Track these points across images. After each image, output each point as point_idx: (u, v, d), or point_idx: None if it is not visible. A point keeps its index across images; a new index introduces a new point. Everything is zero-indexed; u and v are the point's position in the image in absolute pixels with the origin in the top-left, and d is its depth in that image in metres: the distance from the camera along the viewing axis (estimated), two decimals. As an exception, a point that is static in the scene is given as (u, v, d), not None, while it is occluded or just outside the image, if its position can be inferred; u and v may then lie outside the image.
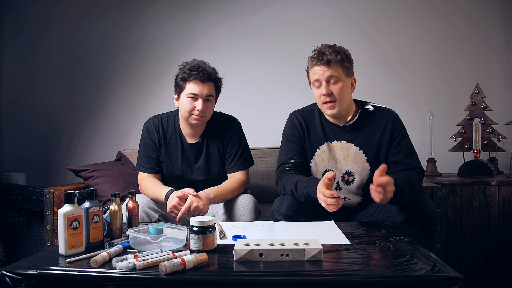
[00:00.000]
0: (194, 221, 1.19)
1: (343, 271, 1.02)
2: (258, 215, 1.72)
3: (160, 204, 1.73)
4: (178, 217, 1.58)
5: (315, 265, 1.06)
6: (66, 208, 1.17)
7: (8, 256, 2.18)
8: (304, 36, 2.59)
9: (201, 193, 1.65)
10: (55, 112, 2.76)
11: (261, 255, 1.09)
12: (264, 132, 2.57)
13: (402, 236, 1.30)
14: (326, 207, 1.39)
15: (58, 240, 1.18)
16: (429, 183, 1.97)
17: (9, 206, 2.27)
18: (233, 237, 1.32)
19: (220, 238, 1.31)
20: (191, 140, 1.84)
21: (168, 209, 1.61)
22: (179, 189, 1.67)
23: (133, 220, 1.41)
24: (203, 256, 1.06)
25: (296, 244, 1.11)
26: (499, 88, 2.64)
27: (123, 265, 1.03)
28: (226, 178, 1.85)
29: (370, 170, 1.64)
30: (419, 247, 1.19)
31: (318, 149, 1.69)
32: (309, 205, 1.56)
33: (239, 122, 1.90)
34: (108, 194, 2.02)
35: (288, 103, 2.18)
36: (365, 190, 1.67)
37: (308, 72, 1.68)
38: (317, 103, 1.67)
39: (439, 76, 2.67)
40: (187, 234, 1.22)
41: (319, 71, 1.58)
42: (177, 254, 1.09)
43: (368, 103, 1.73)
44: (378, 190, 1.36)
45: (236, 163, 1.84)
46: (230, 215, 1.71)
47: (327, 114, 1.66)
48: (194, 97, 1.72)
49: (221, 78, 1.80)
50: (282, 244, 1.11)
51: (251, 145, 1.94)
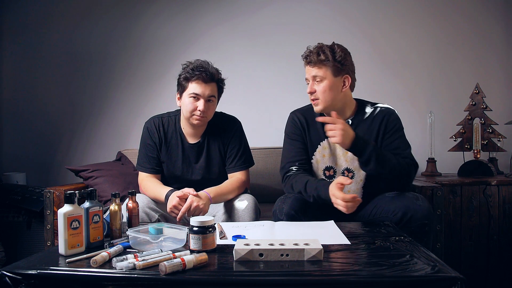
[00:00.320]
0: (194, 221, 1.19)
1: (343, 271, 1.02)
2: (258, 215, 1.72)
3: (160, 204, 1.73)
4: (178, 217, 1.58)
5: (315, 265, 1.06)
6: (66, 208, 1.17)
7: (8, 256, 2.18)
8: (304, 36, 2.58)
9: (201, 192, 1.65)
10: (55, 112, 2.76)
11: (261, 255, 1.09)
12: (264, 132, 2.57)
13: (402, 236, 1.30)
14: (343, 209, 1.43)
15: (58, 240, 1.18)
16: (429, 183, 1.97)
17: (9, 206, 2.27)
18: (233, 237, 1.32)
19: (220, 238, 1.31)
20: (192, 140, 1.84)
21: (168, 209, 1.61)
22: (179, 189, 1.67)
23: (133, 220, 1.41)
24: (203, 256, 1.06)
25: (296, 244, 1.11)
26: (499, 88, 2.64)
27: (123, 265, 1.03)
28: (227, 178, 1.85)
29: None
30: (419, 247, 1.19)
31: (319, 146, 1.73)
32: (312, 205, 1.60)
33: (240, 122, 1.90)
34: (108, 194, 2.02)
35: (288, 103, 2.18)
36: (364, 188, 1.71)
37: None
38: None
39: (439, 76, 2.67)
40: (187, 234, 1.23)
41: (307, 70, 1.68)
42: (177, 254, 1.09)
43: (369, 102, 1.76)
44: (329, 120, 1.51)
45: (236, 163, 1.84)
46: (230, 215, 1.71)
47: (315, 111, 1.71)
48: (196, 97, 1.72)
49: (224, 79, 1.80)
50: (282, 244, 1.11)
51: (251, 145, 1.94)
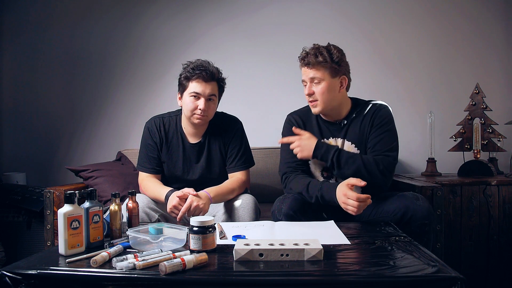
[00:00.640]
0: (194, 221, 1.19)
1: (343, 271, 1.02)
2: (258, 215, 1.72)
3: (160, 204, 1.73)
4: (178, 217, 1.58)
5: (315, 265, 1.06)
6: (66, 208, 1.17)
7: (8, 256, 2.18)
8: (304, 36, 2.58)
9: (201, 192, 1.65)
10: (55, 112, 2.76)
11: (261, 255, 1.09)
12: (264, 132, 2.57)
13: (402, 236, 1.30)
14: (353, 210, 1.44)
15: (58, 240, 1.18)
16: (429, 183, 1.97)
17: (9, 206, 2.27)
18: (233, 237, 1.32)
19: (220, 238, 1.31)
20: (193, 140, 1.85)
21: (168, 209, 1.61)
22: (179, 189, 1.67)
23: (133, 220, 1.41)
24: (203, 256, 1.06)
25: (296, 244, 1.11)
26: (499, 88, 2.64)
27: (123, 265, 1.03)
28: (227, 178, 1.85)
29: None
30: (419, 247, 1.19)
31: None
32: (312, 205, 1.60)
33: (241, 122, 1.90)
34: (108, 194, 2.02)
35: (288, 103, 2.18)
36: (363, 188, 1.69)
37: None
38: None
39: (439, 76, 2.67)
40: (187, 234, 1.23)
41: (304, 72, 1.67)
42: (177, 254, 1.09)
43: (364, 100, 1.77)
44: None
45: (237, 163, 1.84)
46: (230, 215, 1.71)
47: (313, 112, 1.72)
48: (197, 96, 1.72)
49: (224, 78, 1.81)
50: (282, 244, 1.11)
51: (251, 145, 1.94)
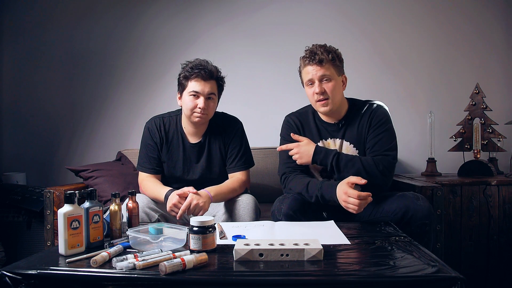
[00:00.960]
0: (194, 221, 1.19)
1: (343, 271, 1.02)
2: (258, 215, 1.72)
3: (160, 204, 1.73)
4: (178, 215, 1.58)
5: (315, 265, 1.06)
6: (66, 208, 1.17)
7: (8, 256, 2.18)
8: (304, 36, 2.58)
9: (201, 191, 1.65)
10: (55, 112, 2.76)
11: (261, 255, 1.09)
12: (264, 132, 2.57)
13: (402, 236, 1.30)
14: (354, 208, 1.44)
15: (58, 240, 1.18)
16: (429, 183, 1.97)
17: (9, 206, 2.27)
18: (233, 237, 1.32)
19: (220, 238, 1.31)
20: (193, 140, 1.85)
21: (168, 208, 1.61)
22: (179, 189, 1.66)
23: (133, 220, 1.41)
24: (203, 256, 1.06)
25: (296, 244, 1.11)
26: (499, 88, 2.64)
27: (123, 265, 1.03)
28: (227, 178, 1.85)
29: None
30: (419, 247, 1.19)
31: None
32: (311, 205, 1.60)
33: (241, 123, 1.91)
34: (108, 194, 2.02)
35: (288, 103, 2.18)
36: (362, 187, 1.69)
37: (300, 72, 1.74)
38: (310, 101, 1.73)
39: (439, 76, 2.67)
40: (187, 234, 1.23)
41: (311, 71, 1.65)
42: (177, 254, 1.09)
43: (360, 100, 1.77)
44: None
45: (237, 163, 1.84)
46: (230, 215, 1.71)
47: (320, 112, 1.72)
48: (196, 95, 1.73)
49: (223, 77, 1.81)
50: (282, 244, 1.11)
51: (251, 145, 1.94)
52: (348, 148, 1.70)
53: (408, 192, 1.60)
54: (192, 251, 1.15)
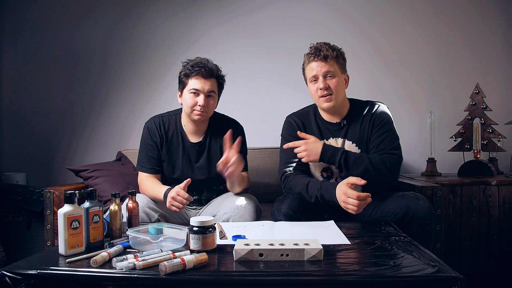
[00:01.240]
0: (194, 221, 1.19)
1: (343, 271, 1.02)
2: (258, 215, 1.72)
3: (160, 204, 1.72)
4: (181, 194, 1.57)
5: (315, 265, 1.06)
6: (66, 208, 1.17)
7: (8, 256, 2.18)
8: (304, 36, 2.58)
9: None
10: (55, 112, 2.76)
11: (261, 255, 1.09)
12: (264, 132, 2.57)
13: (402, 236, 1.30)
14: (353, 208, 1.43)
15: (58, 240, 1.18)
16: (429, 183, 1.97)
17: (9, 206, 2.27)
18: (233, 237, 1.32)
19: (220, 238, 1.31)
20: (193, 139, 1.85)
21: (167, 204, 1.60)
22: (178, 189, 1.66)
23: (133, 220, 1.41)
24: (203, 256, 1.06)
25: (296, 244, 1.11)
26: (499, 88, 2.64)
27: (123, 265, 1.03)
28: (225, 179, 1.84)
29: None
30: (419, 247, 1.19)
31: None
32: (311, 205, 1.59)
33: (242, 127, 1.91)
34: (108, 194, 2.02)
35: (288, 103, 2.18)
36: (365, 185, 1.69)
37: (304, 69, 1.74)
38: (313, 98, 1.73)
39: (439, 76, 2.67)
40: (187, 234, 1.23)
41: (316, 67, 1.65)
42: (177, 254, 1.09)
43: (361, 100, 1.78)
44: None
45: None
46: (230, 215, 1.71)
47: (323, 108, 1.71)
48: (196, 92, 1.73)
49: (223, 75, 1.82)
50: (282, 244, 1.11)
51: (251, 145, 1.94)
52: (351, 148, 1.70)
53: (408, 192, 1.60)
54: (192, 251, 1.15)
